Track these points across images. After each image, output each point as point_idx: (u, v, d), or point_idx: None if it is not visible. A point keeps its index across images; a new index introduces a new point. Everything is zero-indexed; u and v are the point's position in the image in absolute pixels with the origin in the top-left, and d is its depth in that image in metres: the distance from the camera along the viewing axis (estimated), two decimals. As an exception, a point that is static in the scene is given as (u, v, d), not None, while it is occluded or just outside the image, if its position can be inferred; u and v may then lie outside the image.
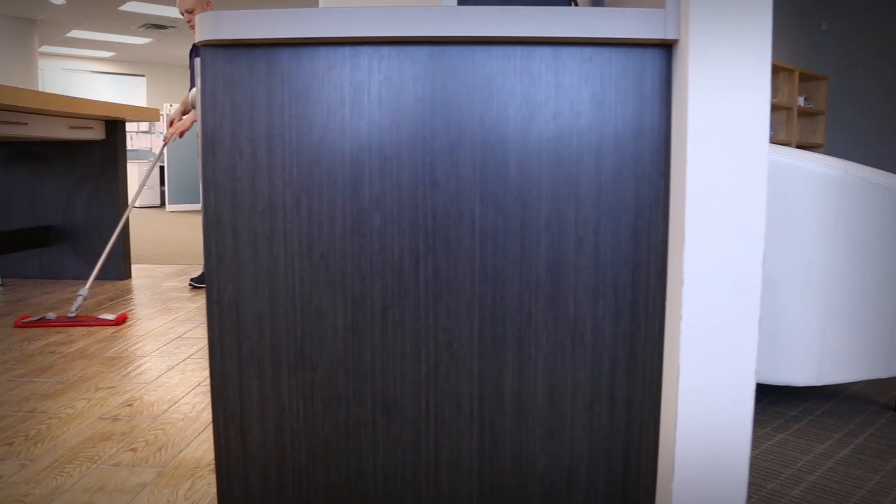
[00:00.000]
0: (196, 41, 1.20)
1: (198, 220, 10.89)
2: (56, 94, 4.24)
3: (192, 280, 4.73)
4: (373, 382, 1.25)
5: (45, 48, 14.66)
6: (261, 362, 1.25)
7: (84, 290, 3.90)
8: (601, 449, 1.27)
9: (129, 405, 2.55)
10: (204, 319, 3.97)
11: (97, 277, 5.27)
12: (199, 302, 4.48)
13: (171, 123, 4.62)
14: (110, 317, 3.70)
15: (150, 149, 13.29)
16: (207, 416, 2.45)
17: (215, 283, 1.24)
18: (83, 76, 16.07)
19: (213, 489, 1.88)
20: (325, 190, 1.21)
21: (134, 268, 5.88)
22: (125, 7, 11.56)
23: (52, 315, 3.71)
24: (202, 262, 6.27)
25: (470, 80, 1.19)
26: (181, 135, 4.66)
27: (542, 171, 1.20)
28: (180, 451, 2.14)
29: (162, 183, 13.34)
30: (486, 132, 1.20)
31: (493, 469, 1.27)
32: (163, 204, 13.22)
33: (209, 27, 1.18)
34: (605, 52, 1.19)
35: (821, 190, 2.13)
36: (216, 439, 1.28)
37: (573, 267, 1.22)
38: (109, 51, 14.98)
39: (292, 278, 1.23)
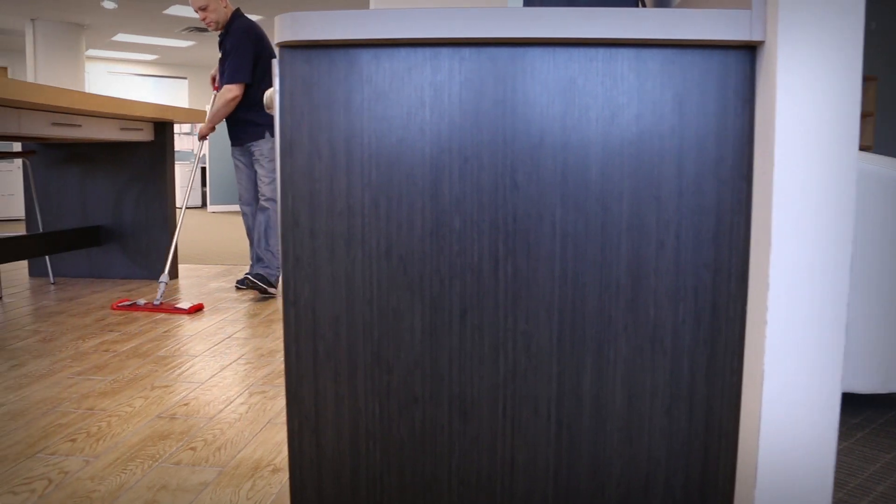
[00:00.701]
0: (275, 42, 1.21)
1: (239, 221, 10.98)
2: (108, 97, 4.30)
3: (238, 282, 4.72)
4: (450, 385, 1.24)
5: (91, 52, 14.87)
6: (337, 364, 1.25)
7: (164, 276, 4.29)
8: (679, 454, 1.26)
9: (185, 404, 2.57)
10: (252, 320, 4.00)
11: (147, 277, 5.32)
12: (246, 302, 4.51)
13: (213, 79, 4.84)
14: (185, 306, 4.10)
15: (192, 150, 13.41)
16: (263, 416, 2.46)
17: (292, 285, 1.24)
18: (127, 79, 16.27)
19: (275, 490, 1.89)
20: (405, 191, 1.20)
21: (180, 267, 5.93)
22: (169, 11, 11.69)
23: (142, 301, 4.20)
24: (248, 262, 6.31)
25: (551, 82, 1.18)
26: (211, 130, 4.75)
27: (624, 173, 1.19)
28: (239, 451, 2.15)
29: (203, 184, 13.46)
30: (567, 134, 1.19)
31: (570, 473, 1.26)
32: (204, 205, 13.34)
33: (288, 28, 1.18)
34: (688, 54, 1.18)
35: (884, 192, 2.09)
36: (290, 441, 1.28)
37: (653, 270, 1.21)
38: (153, 54, 15.16)
39: (370, 280, 1.22)
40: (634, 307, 1.21)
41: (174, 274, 5.38)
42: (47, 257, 5.28)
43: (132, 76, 16.66)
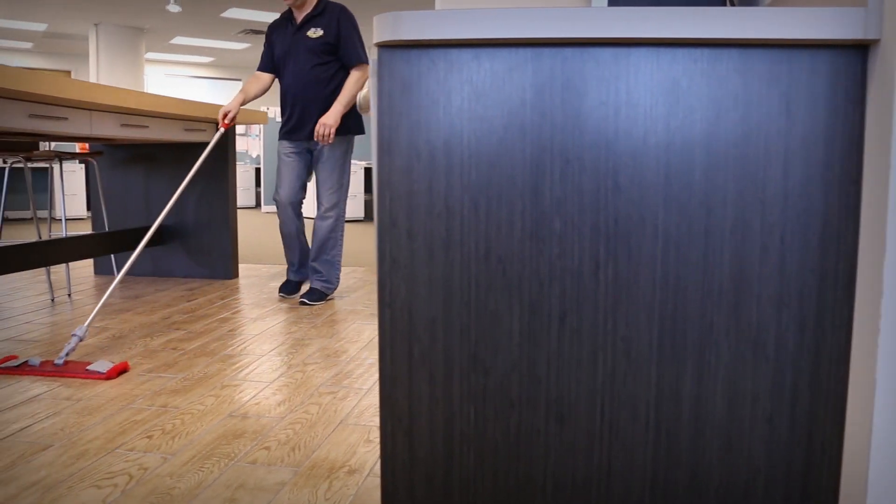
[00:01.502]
0: (374, 42, 1.20)
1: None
2: (174, 98, 4.35)
3: (280, 290, 4.63)
4: (547, 388, 1.23)
5: (149, 55, 15.12)
6: (432, 366, 1.24)
7: (81, 328, 3.08)
8: (780, 463, 1.23)
9: (255, 403, 2.59)
10: (315, 320, 4.01)
11: (208, 276, 5.38)
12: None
13: (224, 116, 4.28)
14: (101, 369, 2.85)
15: (247, 150, 13.56)
16: (334, 416, 2.46)
17: (388, 286, 1.23)
18: (183, 80, 16.51)
19: (352, 491, 1.89)
20: (504, 193, 1.19)
21: (241, 267, 5.99)
22: (226, 14, 11.84)
23: (35, 360, 2.96)
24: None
25: (655, 83, 1.16)
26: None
27: (728, 176, 1.17)
28: (313, 452, 2.15)
29: (258, 184, 13.60)
30: (671, 135, 1.17)
31: (668, 479, 1.24)
32: (258, 205, 13.48)
33: (389, 28, 1.18)
34: (796, 54, 1.15)
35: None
36: (383, 443, 1.28)
37: (757, 275, 1.18)
38: (209, 56, 15.37)
39: (468, 282, 1.22)
40: (737, 312, 1.19)
41: (235, 274, 5.42)
42: (112, 256, 5.37)
43: (188, 78, 16.91)
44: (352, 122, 4.25)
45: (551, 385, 1.23)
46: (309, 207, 12.17)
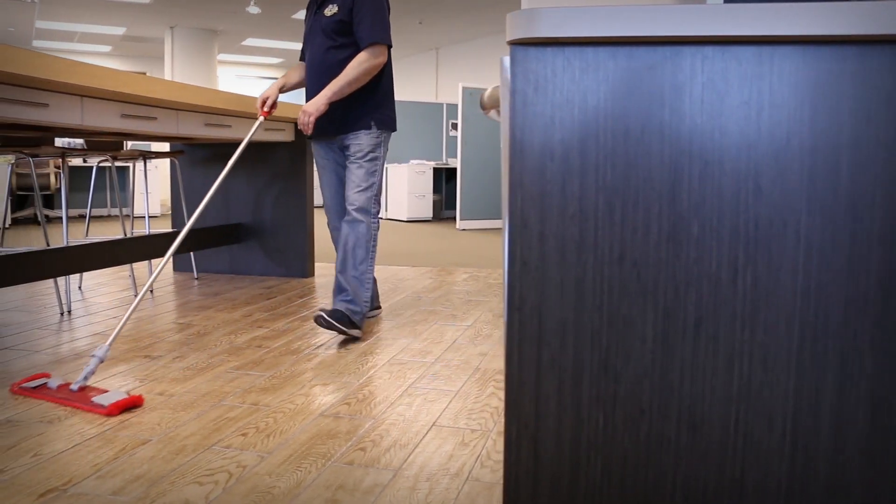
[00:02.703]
0: (508, 40, 1.18)
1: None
2: (256, 98, 4.39)
3: (315, 319, 3.49)
4: (679, 397, 1.19)
5: (221, 56, 15.36)
6: (561, 372, 1.22)
7: (102, 348, 2.77)
8: (924, 481, 1.17)
9: (346, 403, 2.59)
10: (396, 319, 4.01)
11: (284, 275, 5.42)
12: (388, 301, 4.53)
13: (262, 103, 3.73)
14: (105, 402, 2.49)
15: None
16: (426, 418, 2.45)
17: (518, 289, 1.21)
18: (253, 81, 16.73)
19: (453, 496, 1.88)
20: (641, 195, 1.16)
21: (317, 266, 6.03)
22: (297, 15, 11.96)
23: (54, 382, 2.68)
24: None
25: (800, 83, 1.12)
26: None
27: (877, 179, 1.12)
28: (409, 454, 2.14)
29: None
30: (815, 137, 1.12)
31: (804, 494, 1.19)
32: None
33: (523, 25, 1.16)
34: (952, 52, 1.10)
35: None
36: (507, 449, 1.25)
37: (905, 283, 1.13)
38: (278, 57, 15.55)
39: (600, 286, 1.19)
40: (884, 323, 1.14)
41: (311, 272, 5.46)
42: (192, 253, 5.45)
43: (258, 79, 17.14)
44: (382, 115, 3.58)
45: (684, 393, 1.19)
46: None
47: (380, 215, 3.56)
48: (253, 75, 17.15)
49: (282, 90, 3.76)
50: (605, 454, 1.23)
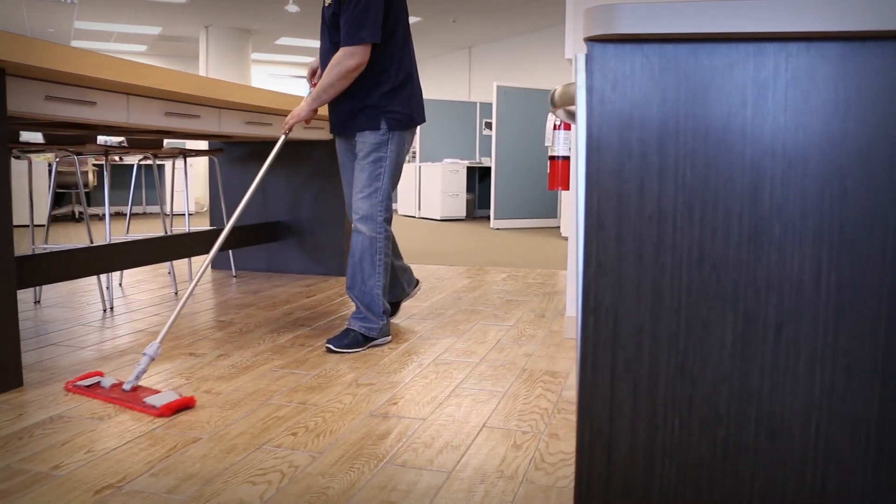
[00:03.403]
0: (585, 36, 1.16)
1: (399, 220, 11.18)
2: (296, 96, 4.39)
3: (328, 342, 3.36)
4: (759, 403, 1.16)
5: (255, 55, 15.43)
6: (636, 376, 1.19)
7: (153, 346, 2.73)
8: None
9: (393, 403, 2.58)
10: (437, 319, 4.00)
11: (322, 273, 5.43)
12: (428, 300, 4.52)
13: (312, 73, 3.57)
14: (156, 403, 2.47)
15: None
16: (476, 419, 2.43)
17: (593, 291, 1.19)
18: (285, 80, 16.80)
19: (509, 498, 1.85)
20: (721, 195, 1.13)
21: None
22: (332, 13, 11.95)
23: (107, 381, 2.68)
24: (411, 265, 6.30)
25: (890, 81, 1.09)
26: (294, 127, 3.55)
27: (969, 180, 1.08)
28: (462, 456, 2.13)
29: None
30: (905, 136, 1.09)
31: (887, 505, 1.16)
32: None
33: (601, 21, 1.13)
34: None
35: None
36: (579, 454, 1.23)
37: None
38: (310, 56, 15.60)
39: (679, 288, 1.16)
40: (974, 327, 1.10)
41: (346, 270, 5.46)
42: (230, 251, 5.47)
43: (290, 78, 17.21)
44: (390, 112, 3.30)
45: (763, 399, 1.16)
46: (407, 205, 12.22)
47: (390, 221, 3.36)
48: (286, 74, 17.22)
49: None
50: (680, 460, 1.20)
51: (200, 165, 13.02)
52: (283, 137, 3.40)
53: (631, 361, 1.19)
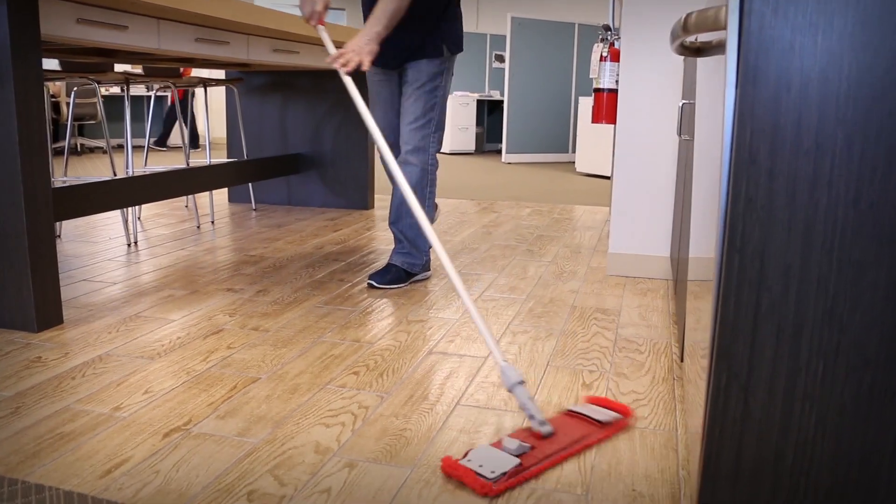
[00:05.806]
0: None
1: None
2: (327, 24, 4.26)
3: (370, 278, 3.28)
4: (912, 349, 1.11)
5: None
6: (781, 319, 1.14)
7: (512, 373, 1.87)
8: None
9: (450, 341, 2.54)
10: (475, 254, 3.94)
11: (344, 206, 5.36)
12: (458, 235, 4.45)
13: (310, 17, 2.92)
14: (606, 419, 1.86)
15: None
16: (539, 358, 2.39)
17: (740, 229, 1.12)
18: (287, 10, 16.43)
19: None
20: (884, 132, 1.06)
21: (376, 198, 5.96)
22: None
23: (511, 444, 1.70)
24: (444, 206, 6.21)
25: None
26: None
27: None
28: (534, 394, 2.09)
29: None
30: None
31: None
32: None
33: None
34: None
35: None
36: (713, 398, 1.18)
37: None
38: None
39: (832, 228, 1.10)
40: None
41: (371, 204, 5.38)
42: (250, 184, 5.38)
43: (293, 7, 16.86)
44: (454, 36, 3.12)
45: (917, 344, 1.11)
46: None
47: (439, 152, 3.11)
48: (287, 3, 16.87)
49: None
50: (820, 406, 1.15)
51: (213, 97, 12.81)
52: (347, 79, 2.69)
53: (776, 304, 1.13)
